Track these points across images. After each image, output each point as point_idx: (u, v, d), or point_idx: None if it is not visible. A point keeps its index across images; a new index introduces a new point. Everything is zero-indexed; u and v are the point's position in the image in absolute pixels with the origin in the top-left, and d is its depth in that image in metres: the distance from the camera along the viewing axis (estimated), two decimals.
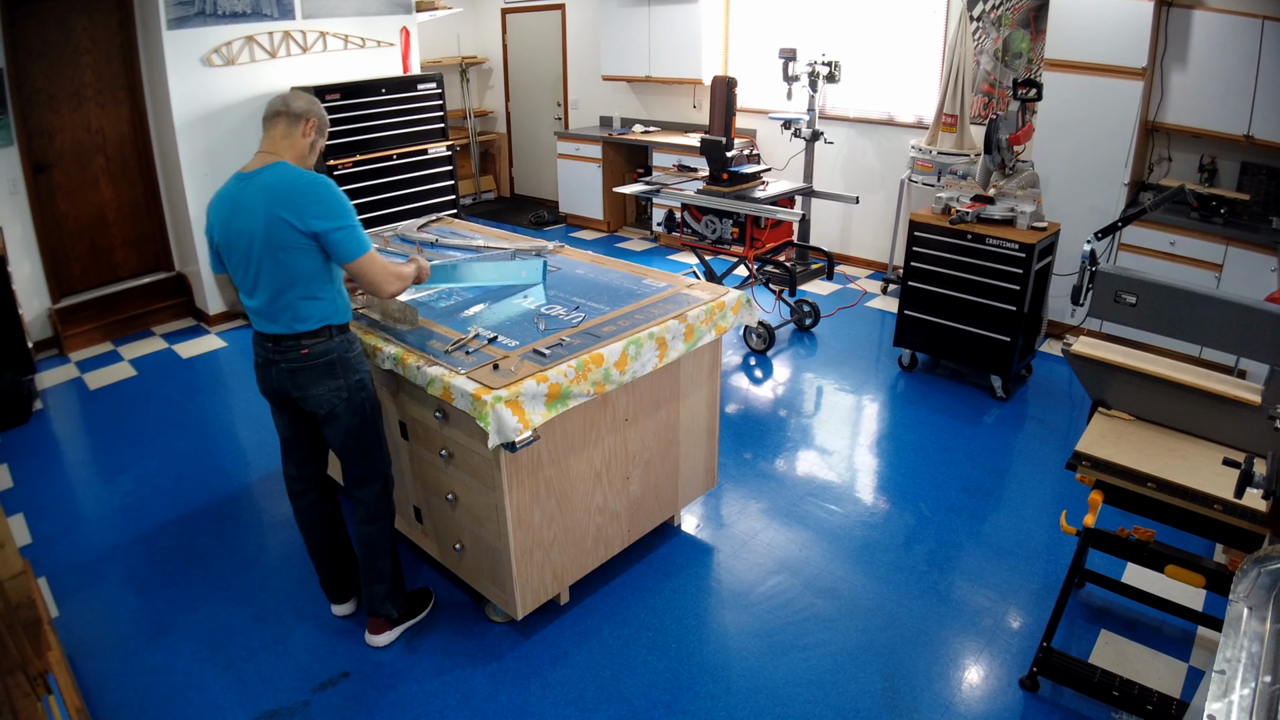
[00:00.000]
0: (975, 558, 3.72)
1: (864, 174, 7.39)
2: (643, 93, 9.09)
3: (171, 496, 4.40)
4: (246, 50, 6.53)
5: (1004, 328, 4.91)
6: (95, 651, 3.36)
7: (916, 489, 4.23)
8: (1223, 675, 1.50)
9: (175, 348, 6.37)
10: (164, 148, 6.67)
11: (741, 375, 5.64)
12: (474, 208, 10.35)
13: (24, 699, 2.70)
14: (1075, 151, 5.58)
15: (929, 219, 5.09)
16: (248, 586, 3.70)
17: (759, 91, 7.91)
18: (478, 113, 10.51)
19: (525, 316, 3.38)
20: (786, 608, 3.45)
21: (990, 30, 6.37)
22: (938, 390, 5.25)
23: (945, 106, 6.37)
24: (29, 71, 6.05)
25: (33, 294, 6.30)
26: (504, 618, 3.40)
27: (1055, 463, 4.41)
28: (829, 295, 6.95)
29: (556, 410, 2.91)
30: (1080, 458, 2.85)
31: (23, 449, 4.97)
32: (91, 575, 3.83)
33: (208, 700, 3.10)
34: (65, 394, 5.71)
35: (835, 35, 7.24)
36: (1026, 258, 4.72)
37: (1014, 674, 3.08)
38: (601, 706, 2.99)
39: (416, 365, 3.00)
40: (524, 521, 3.06)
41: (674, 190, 5.99)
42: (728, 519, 4.05)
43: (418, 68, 7.86)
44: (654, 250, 8.49)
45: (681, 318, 3.33)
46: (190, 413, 5.33)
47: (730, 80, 5.66)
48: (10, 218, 6.06)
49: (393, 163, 7.22)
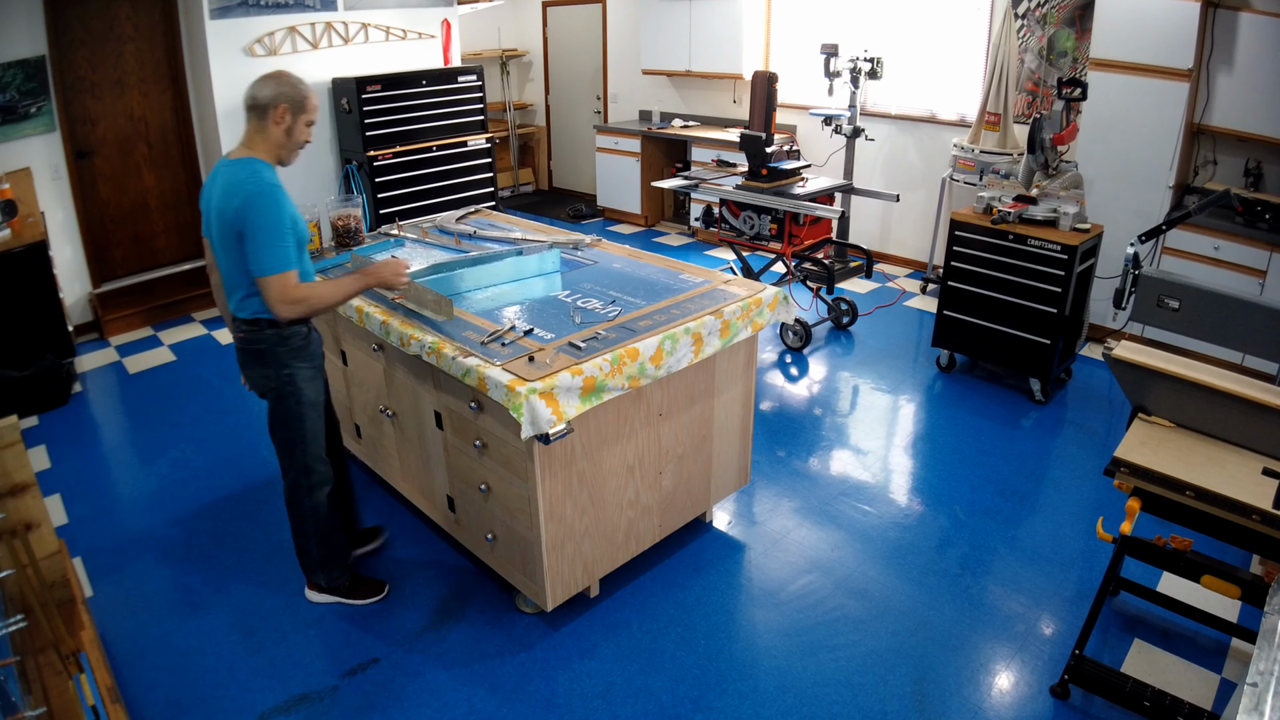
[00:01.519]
0: (1009, 562, 3.67)
1: (905, 172, 7.32)
2: (682, 87, 9.06)
3: (207, 480, 4.45)
4: (289, 41, 6.59)
5: (1044, 330, 4.84)
6: (127, 631, 3.41)
7: (951, 491, 4.18)
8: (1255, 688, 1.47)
9: (214, 334, 6.45)
10: (206, 136, 6.75)
11: (777, 372, 5.60)
12: (512, 200, 10.37)
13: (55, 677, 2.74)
14: (1119, 153, 5.49)
15: (970, 218, 5.03)
16: (280, 571, 3.73)
17: (800, 87, 7.86)
18: (517, 105, 10.54)
19: (561, 309, 3.38)
20: (817, 607, 3.42)
21: (1035, 28, 6.28)
22: (975, 392, 5.19)
23: (989, 105, 6.28)
24: (72, 59, 6.15)
25: (74, 278, 6.40)
26: (534, 609, 3.40)
27: (1093, 468, 4.34)
28: (867, 294, 6.89)
29: (590, 403, 2.90)
30: (1119, 464, 2.80)
31: (61, 430, 5.05)
32: (126, 556, 3.89)
33: (238, 682, 3.13)
34: (104, 377, 5.79)
35: (878, 31, 7.17)
36: (1068, 259, 4.65)
37: (1045, 681, 3.04)
38: (629, 700, 2.99)
39: (452, 356, 3.01)
40: (556, 513, 3.06)
41: (712, 185, 5.96)
42: (760, 517, 4.03)
43: (458, 60, 7.90)
44: (691, 245, 8.47)
45: (718, 314, 3.31)
46: (228, 398, 5.39)
47: (771, 75, 5.62)
48: (52, 203, 6.17)
49: (432, 154, 7.26)
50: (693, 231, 8.79)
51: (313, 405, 3.18)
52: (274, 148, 2.95)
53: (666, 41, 8.53)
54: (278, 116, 2.90)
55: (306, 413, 3.17)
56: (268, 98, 2.88)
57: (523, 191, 10.87)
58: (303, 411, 3.16)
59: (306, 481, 3.25)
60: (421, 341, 3.16)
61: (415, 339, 3.19)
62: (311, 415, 3.19)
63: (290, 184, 3.25)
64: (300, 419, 3.16)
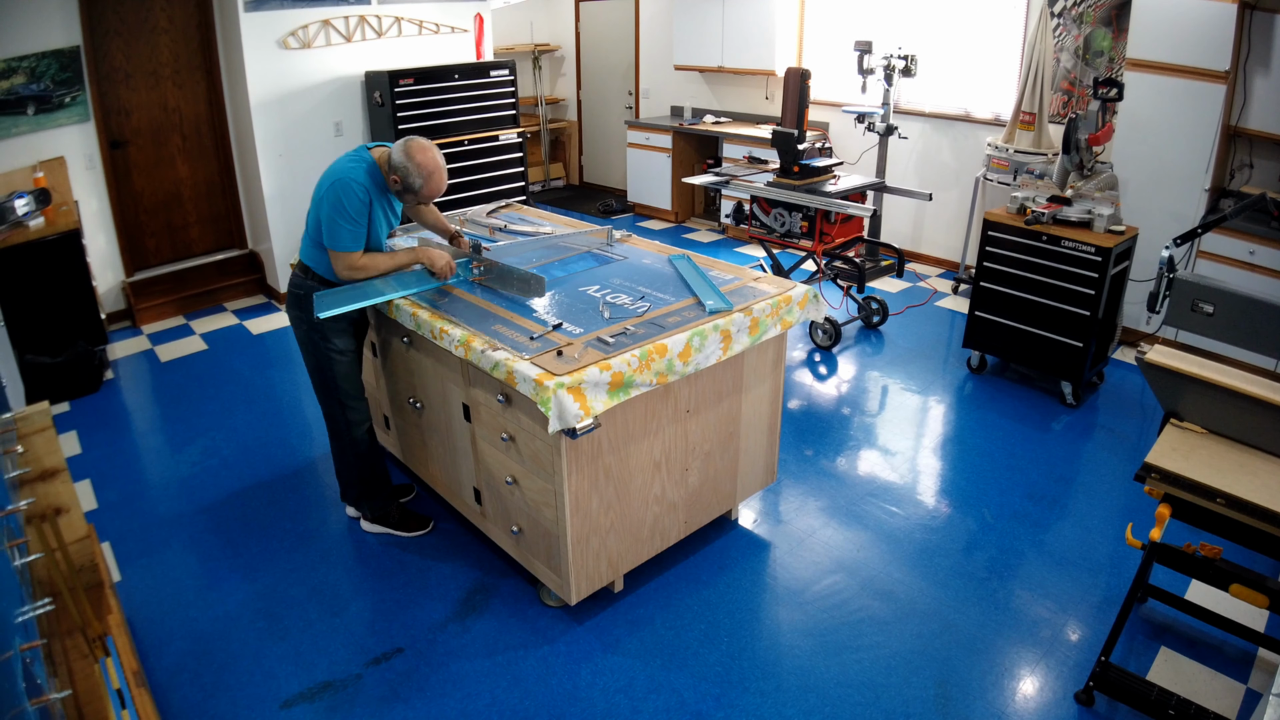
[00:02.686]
0: (1037, 567, 3.64)
1: (938, 170, 7.26)
2: (714, 83, 9.04)
3: (236, 468, 4.49)
4: (323, 34, 6.63)
5: (1077, 333, 4.78)
6: (154, 616, 3.45)
7: (980, 494, 4.15)
8: None
9: (246, 323, 6.51)
10: (239, 128, 6.80)
11: (805, 371, 5.58)
12: (543, 195, 10.39)
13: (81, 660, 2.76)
14: (1155, 154, 5.41)
15: (1003, 218, 4.98)
16: (308, 559, 3.77)
17: (833, 84, 7.81)
18: (549, 100, 10.55)
19: (590, 304, 3.38)
20: (841, 608, 3.41)
21: (1071, 27, 6.21)
22: (1006, 394, 5.14)
23: (1023, 104, 6.22)
24: (107, 49, 6.21)
25: (107, 266, 6.48)
26: (558, 602, 3.41)
27: (1124, 474, 4.29)
28: (898, 293, 6.84)
29: (618, 399, 2.90)
30: (1150, 469, 2.77)
31: (92, 417, 5.12)
32: (154, 542, 3.94)
33: (263, 668, 3.16)
34: (136, 364, 5.86)
35: (912, 28, 7.12)
36: (1103, 261, 4.60)
37: (1070, 687, 3.00)
38: (650, 696, 2.99)
39: (481, 349, 3.02)
40: (581, 508, 3.06)
41: (743, 182, 5.94)
42: (786, 515, 4.01)
43: (491, 54, 7.91)
44: (721, 242, 8.45)
45: (747, 311, 3.30)
46: (259, 387, 5.44)
47: (804, 72, 5.59)
48: (86, 192, 6.25)
49: (464, 148, 7.28)
50: (723, 228, 8.77)
51: (342, 353, 3.55)
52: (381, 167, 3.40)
53: (699, 37, 8.51)
54: (393, 179, 3.36)
55: (335, 358, 3.54)
56: (395, 162, 3.31)
57: (553, 186, 10.89)
58: (332, 356, 3.53)
59: (343, 417, 3.64)
60: (451, 336, 3.17)
61: (446, 333, 3.20)
62: (341, 361, 3.56)
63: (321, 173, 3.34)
64: (330, 362, 3.54)
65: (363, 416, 3.70)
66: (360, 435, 3.70)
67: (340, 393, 3.60)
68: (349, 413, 3.64)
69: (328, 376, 3.58)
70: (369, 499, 3.85)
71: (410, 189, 3.34)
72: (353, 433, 3.68)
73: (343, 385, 3.59)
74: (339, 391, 3.60)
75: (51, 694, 1.92)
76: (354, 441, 3.69)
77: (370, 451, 3.76)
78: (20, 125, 5.80)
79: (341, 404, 3.62)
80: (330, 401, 3.64)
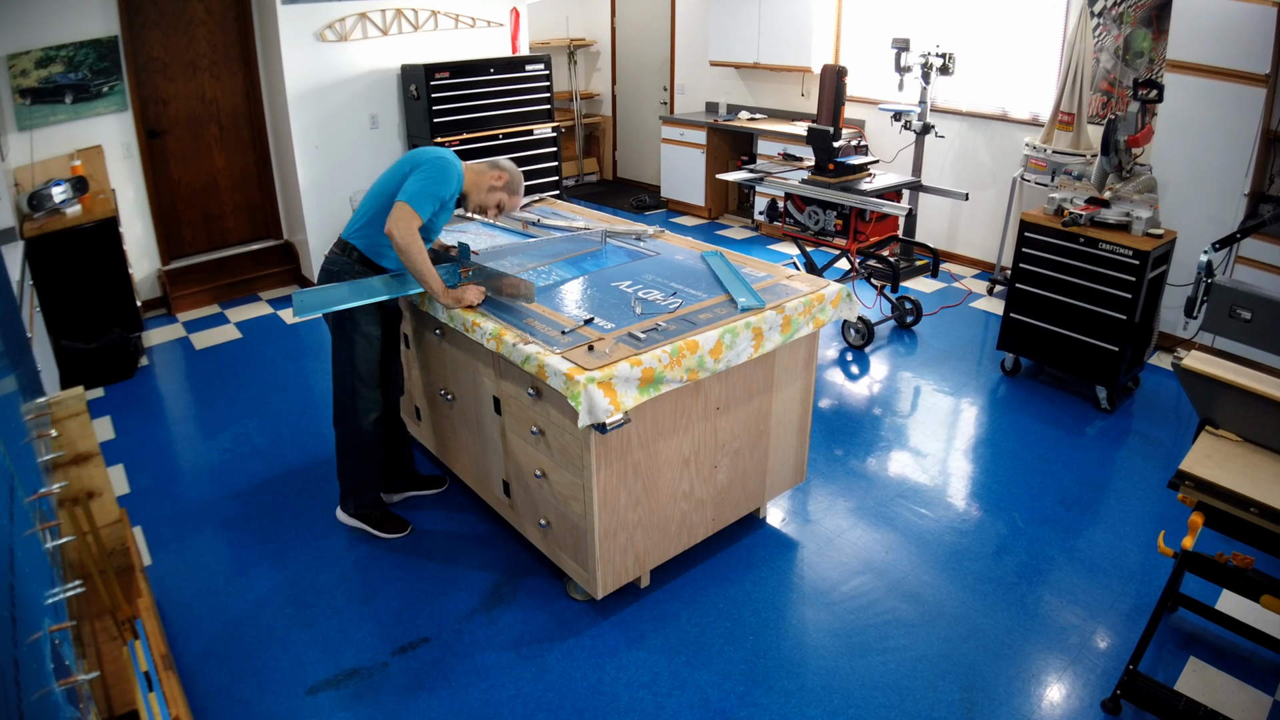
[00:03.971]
0: (1066, 573, 3.59)
1: (974, 170, 7.18)
2: (750, 79, 9.00)
3: (268, 456, 4.54)
4: (359, 27, 6.67)
5: (1113, 337, 4.72)
6: (184, 600, 3.50)
7: (1011, 498, 4.11)
8: None
9: (280, 313, 6.57)
10: (276, 119, 6.86)
11: (837, 370, 5.55)
12: (576, 189, 10.40)
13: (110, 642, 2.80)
14: (1195, 157, 5.32)
15: (1041, 219, 4.92)
16: (337, 547, 3.80)
17: (869, 82, 7.75)
18: (584, 95, 10.56)
19: (622, 300, 3.37)
20: (868, 609, 3.39)
21: (1111, 27, 6.12)
22: (1040, 398, 5.08)
23: (1062, 104, 6.14)
24: (144, 40, 6.29)
25: (143, 255, 6.56)
26: (584, 596, 3.41)
27: (1157, 481, 4.23)
28: (932, 293, 6.78)
29: (648, 394, 2.90)
30: (1183, 477, 2.73)
31: (126, 402, 5.19)
32: (185, 527, 3.99)
33: (290, 654, 3.19)
34: (171, 352, 5.94)
35: (950, 26, 7.04)
36: (1140, 265, 4.53)
37: (1097, 695, 2.97)
38: (674, 692, 2.99)
39: (513, 343, 3.03)
40: (609, 503, 3.06)
41: (778, 179, 5.92)
42: (814, 515, 4.00)
43: (526, 49, 7.93)
44: (755, 239, 8.42)
45: (779, 309, 3.28)
46: (292, 376, 5.49)
47: (840, 69, 5.56)
48: (124, 180, 6.32)
49: (499, 142, 7.30)
50: (756, 225, 8.74)
51: (365, 336, 3.56)
52: (475, 184, 3.52)
53: (735, 33, 8.48)
54: (496, 176, 3.51)
55: (358, 340, 3.55)
56: (506, 165, 3.54)
57: (587, 181, 10.89)
58: (354, 338, 3.54)
59: (351, 402, 3.64)
60: (483, 329, 3.18)
61: (478, 325, 3.21)
62: (363, 344, 3.56)
63: (359, 168, 3.36)
64: (352, 344, 3.55)
65: (371, 406, 3.68)
66: (365, 424, 3.68)
67: (355, 375, 3.60)
68: (359, 399, 3.64)
69: (345, 357, 3.59)
70: (356, 494, 3.84)
71: (513, 191, 3.54)
72: (358, 419, 3.66)
73: (360, 369, 3.59)
74: (355, 374, 3.60)
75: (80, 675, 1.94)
76: (357, 429, 3.68)
77: (370, 445, 3.74)
78: (58, 114, 5.88)
79: (354, 389, 3.62)
80: (343, 386, 3.64)
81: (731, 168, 8.45)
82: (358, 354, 3.57)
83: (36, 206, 5.32)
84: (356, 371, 3.60)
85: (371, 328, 3.57)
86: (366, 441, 3.72)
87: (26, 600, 1.68)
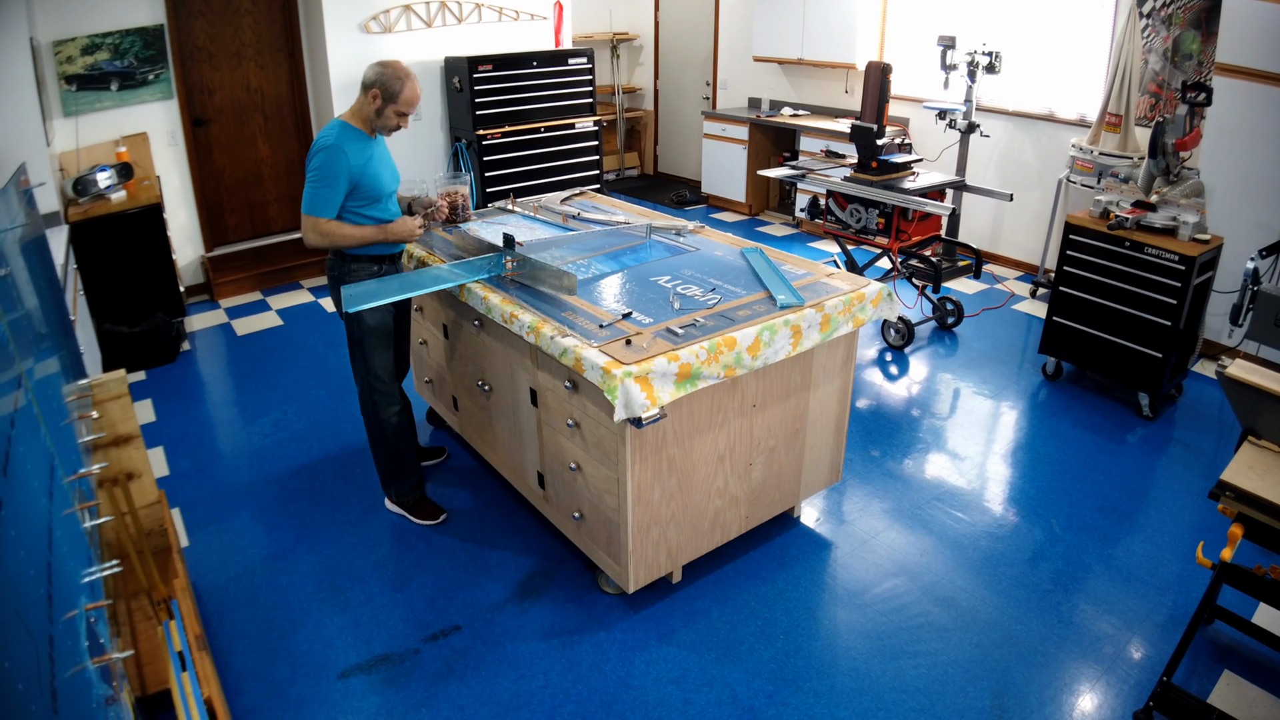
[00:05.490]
0: (1103, 582, 3.54)
1: (1019, 170, 7.09)
2: (793, 75, 8.95)
3: (306, 442, 4.59)
4: (404, 19, 6.72)
5: (1156, 343, 4.64)
6: (220, 582, 3.55)
7: (1049, 504, 4.05)
8: None
9: (321, 301, 6.63)
10: (320, 110, 6.93)
11: (876, 370, 5.51)
12: (617, 184, 10.40)
13: (145, 621, 2.85)
14: (1243, 162, 5.21)
15: (1086, 222, 4.84)
16: (372, 534, 3.83)
17: (914, 79, 7.67)
18: (626, 89, 10.55)
19: (661, 295, 3.37)
20: (901, 612, 3.36)
21: (1160, 28, 6.00)
22: (1081, 403, 5.01)
23: (1110, 105, 6.04)
24: (190, 29, 6.38)
25: (187, 241, 6.67)
26: (616, 590, 3.42)
27: (1198, 491, 4.15)
28: (974, 295, 6.71)
29: (685, 390, 2.89)
30: (1224, 487, 2.68)
31: (168, 386, 5.27)
32: (223, 510, 4.04)
33: (322, 638, 3.23)
34: (213, 337, 6.02)
35: (997, 24, 6.95)
36: (1186, 271, 4.45)
37: (1129, 706, 2.92)
38: (703, 688, 2.98)
39: (550, 335, 3.03)
40: (643, 497, 3.06)
41: (820, 176, 5.88)
42: (849, 516, 3.97)
43: (569, 42, 7.95)
44: (795, 236, 8.38)
45: (819, 307, 3.26)
46: (331, 364, 5.54)
47: (885, 66, 5.51)
48: (169, 168, 6.42)
49: (540, 135, 7.32)
50: (797, 222, 8.69)
51: (373, 331, 3.59)
52: (364, 119, 3.42)
53: (779, 28, 8.42)
54: (370, 97, 3.36)
55: (366, 337, 3.59)
56: (368, 79, 3.36)
57: (627, 175, 10.89)
58: (363, 335, 3.59)
59: (370, 398, 3.71)
60: (521, 321, 3.19)
61: (516, 318, 3.22)
62: (371, 340, 3.61)
63: (400, 160, 3.39)
64: (360, 341, 3.61)
65: (390, 400, 3.73)
66: (389, 419, 3.74)
67: (369, 372, 3.66)
68: (376, 395, 3.70)
69: (357, 354, 3.65)
70: (395, 482, 3.91)
71: (391, 96, 3.35)
72: (380, 414, 3.72)
73: (372, 364, 3.64)
74: (369, 371, 3.65)
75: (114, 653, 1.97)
76: (382, 424, 3.74)
77: (398, 436, 3.79)
78: (104, 100, 5.98)
79: (370, 386, 3.68)
80: (361, 383, 3.70)
81: (773, 164, 8.38)
82: (368, 350, 3.63)
83: (81, 191, 5.42)
84: (371, 370, 3.66)
85: (379, 323, 3.61)
86: (394, 434, 3.78)
87: (63, 578, 1.71)
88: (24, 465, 1.65)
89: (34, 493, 1.68)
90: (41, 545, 1.61)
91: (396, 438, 3.79)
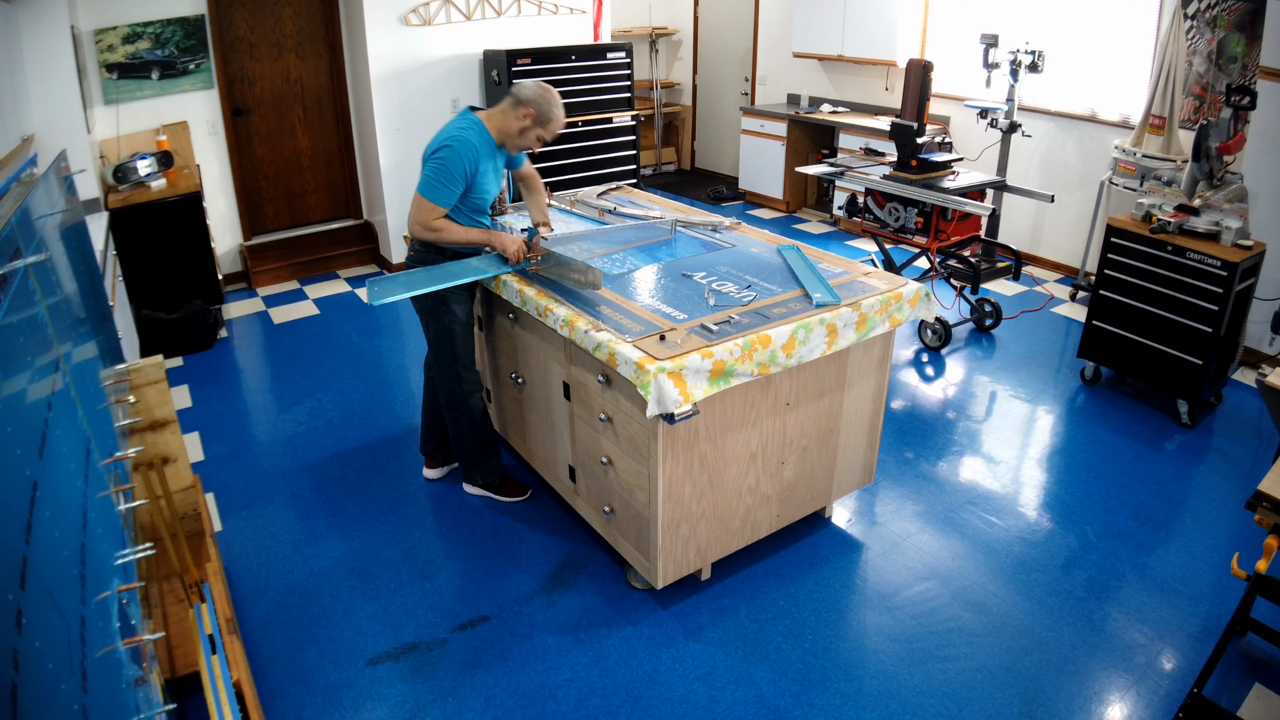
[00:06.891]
0: (1136, 590, 3.49)
1: (1061, 171, 7.00)
2: (833, 72, 8.88)
3: (341, 431, 4.63)
4: (443, 11, 6.74)
5: (1197, 349, 4.56)
6: (251, 567, 3.60)
7: (1084, 511, 4.00)
8: None
9: (358, 291, 6.69)
10: (359, 101, 6.97)
11: (912, 371, 5.46)
12: (653, 179, 10.39)
13: (177, 604, 2.89)
14: None
15: (1128, 225, 4.77)
16: (403, 523, 3.86)
17: (955, 77, 7.58)
18: (664, 84, 10.54)
19: (696, 291, 3.36)
20: (931, 616, 3.33)
21: (1205, 30, 5.89)
22: (1119, 409, 4.94)
23: (1154, 107, 5.94)
24: (231, 19, 6.44)
25: (226, 230, 6.74)
26: (644, 585, 3.42)
27: (1235, 501, 4.08)
28: (1013, 296, 6.63)
29: (718, 387, 2.88)
30: (1261, 498, 2.63)
31: (205, 372, 5.33)
32: (257, 496, 4.09)
33: (351, 625, 3.26)
34: (250, 325, 6.09)
35: (1041, 23, 6.86)
36: (1228, 277, 4.36)
37: (1159, 717, 2.88)
38: (729, 686, 2.98)
39: (584, 329, 3.03)
40: (674, 494, 3.06)
41: (859, 174, 5.84)
42: (881, 517, 3.94)
43: (608, 37, 7.94)
44: (832, 234, 8.32)
45: (855, 306, 3.23)
46: (367, 354, 5.59)
47: (926, 64, 5.45)
48: (208, 157, 6.49)
49: (578, 129, 7.32)
50: (835, 220, 8.64)
51: (460, 322, 3.66)
52: (502, 130, 3.48)
53: (819, 24, 8.36)
54: (521, 114, 3.43)
55: (455, 328, 3.66)
56: (526, 97, 3.41)
57: (664, 170, 10.88)
58: (452, 326, 3.65)
59: (459, 388, 3.75)
60: (555, 315, 3.20)
61: (550, 311, 3.23)
62: (459, 330, 3.67)
63: None
64: (450, 333, 3.66)
65: (475, 386, 3.80)
66: (475, 404, 3.81)
67: (458, 362, 3.70)
68: (463, 384, 3.75)
69: (445, 346, 3.68)
70: (479, 466, 3.96)
71: (544, 120, 3.44)
72: (467, 402, 3.78)
73: (460, 355, 3.70)
74: (457, 361, 3.70)
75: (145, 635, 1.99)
76: (469, 410, 3.79)
77: (483, 421, 3.88)
78: (144, 89, 6.05)
79: (458, 376, 3.73)
80: (448, 374, 3.74)
81: (811, 161, 8.35)
82: (456, 341, 3.68)
83: (121, 179, 5.49)
84: (457, 358, 3.71)
85: (464, 311, 3.67)
86: (479, 420, 3.85)
87: (96, 559, 1.73)
88: (60, 447, 1.67)
89: (70, 475, 1.70)
90: (76, 527, 1.63)
91: (482, 423, 3.87)
